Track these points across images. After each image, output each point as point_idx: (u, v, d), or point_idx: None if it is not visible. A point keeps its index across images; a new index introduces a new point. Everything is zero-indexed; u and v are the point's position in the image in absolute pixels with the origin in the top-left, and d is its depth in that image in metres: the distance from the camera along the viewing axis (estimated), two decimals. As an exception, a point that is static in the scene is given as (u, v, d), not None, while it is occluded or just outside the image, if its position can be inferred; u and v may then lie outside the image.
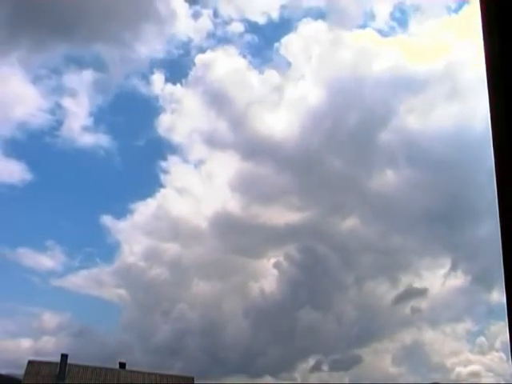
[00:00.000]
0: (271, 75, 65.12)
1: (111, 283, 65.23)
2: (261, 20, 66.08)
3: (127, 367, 39.93)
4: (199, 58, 65.12)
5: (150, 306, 61.23)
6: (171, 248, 63.79)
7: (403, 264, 61.89)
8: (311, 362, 54.69)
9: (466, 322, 58.61)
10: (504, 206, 2.07)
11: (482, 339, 54.85)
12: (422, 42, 63.92)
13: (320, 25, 65.59)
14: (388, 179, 61.22)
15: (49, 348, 52.52)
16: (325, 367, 53.75)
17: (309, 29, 64.81)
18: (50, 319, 61.89)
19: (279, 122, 64.35)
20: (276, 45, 68.79)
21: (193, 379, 40.02)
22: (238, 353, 56.06)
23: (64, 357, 37.43)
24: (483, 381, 50.28)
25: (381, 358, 59.24)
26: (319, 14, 76.49)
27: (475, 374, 51.00)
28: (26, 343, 54.53)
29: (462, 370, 52.12)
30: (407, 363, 57.59)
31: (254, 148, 63.65)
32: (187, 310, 59.11)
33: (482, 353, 54.58)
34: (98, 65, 71.15)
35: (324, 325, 57.19)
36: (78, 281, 64.84)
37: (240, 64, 65.77)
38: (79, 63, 73.50)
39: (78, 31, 63.71)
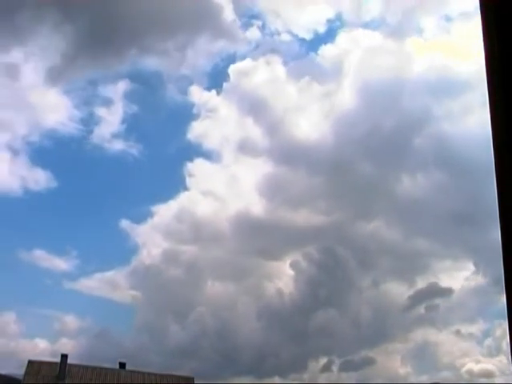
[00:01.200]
0: (308, 83, 66.15)
1: (127, 286, 66.03)
2: (303, 31, 67.55)
3: (131, 368, 39.97)
4: (237, 67, 66.71)
5: (165, 308, 61.79)
6: (189, 250, 64.69)
7: (422, 266, 62.95)
8: (322, 362, 55.25)
9: (479, 323, 58.88)
10: (504, 206, 2.07)
11: (492, 340, 55.04)
12: (462, 44, 64.16)
13: (359, 33, 67.30)
14: (417, 183, 62.19)
15: (65, 350, 52.62)
16: (335, 368, 54.24)
17: (347, 38, 66.69)
18: (67, 321, 62.55)
19: (313, 128, 65.66)
20: (315, 53, 70.12)
21: (193, 379, 40.01)
22: (251, 354, 56.52)
23: (64, 357, 37.44)
24: (496, 381, 50.47)
25: (391, 358, 59.58)
26: (359, 24, 76.57)
27: (487, 375, 51.23)
28: (42, 344, 55.08)
29: (473, 370, 52.39)
30: (418, 364, 58.21)
31: (286, 154, 65.13)
32: (202, 311, 59.76)
33: (492, 354, 54.88)
34: (136, 74, 73.54)
35: (338, 326, 57.69)
36: (94, 283, 65.25)
37: (278, 72, 67.29)
38: (116, 73, 74.89)
39: (117, 41, 65.66)
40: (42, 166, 70.86)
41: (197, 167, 68.11)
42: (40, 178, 66.38)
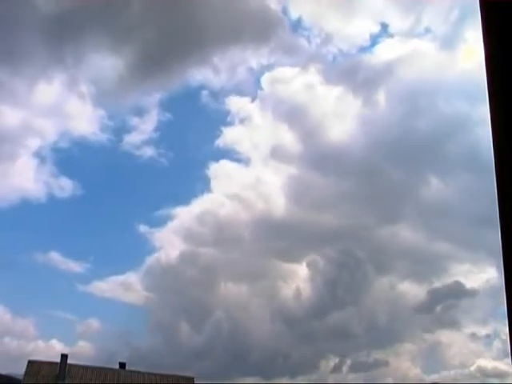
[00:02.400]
0: (344, 91, 68.90)
1: (143, 288, 66.79)
2: (345, 41, 70.40)
3: (131, 368, 39.96)
4: (272, 75, 68.94)
5: (180, 310, 62.81)
6: (208, 252, 65.84)
7: (441, 269, 64.23)
8: (332, 363, 55.87)
9: (495, 324, 58.99)
10: (504, 207, 2.07)
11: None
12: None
13: (395, 41, 69.31)
14: (444, 187, 63.35)
15: (83, 352, 53.46)
16: (345, 368, 54.60)
17: (385, 47, 68.54)
18: (84, 324, 63.37)
19: (346, 134, 67.20)
20: (355, 62, 70.92)
21: (193, 379, 39.98)
22: (262, 354, 57.40)
23: (64, 357, 37.41)
24: (509, 381, 50.57)
25: (402, 359, 60.20)
26: (401, 33, 78.43)
27: (500, 375, 51.30)
28: (58, 346, 55.35)
29: (485, 369, 52.61)
30: (428, 364, 59.30)
31: (316, 159, 67.17)
32: (215, 312, 60.70)
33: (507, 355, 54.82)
34: (174, 84, 75.16)
35: (351, 327, 58.55)
36: (111, 286, 66.61)
37: (314, 80, 69.35)
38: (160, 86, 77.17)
39: (167, 59, 68.01)
40: (69, 173, 72.71)
41: (223, 171, 69.64)
42: (66, 185, 68.39)
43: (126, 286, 65.93)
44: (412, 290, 63.22)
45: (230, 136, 70.35)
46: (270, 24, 67.55)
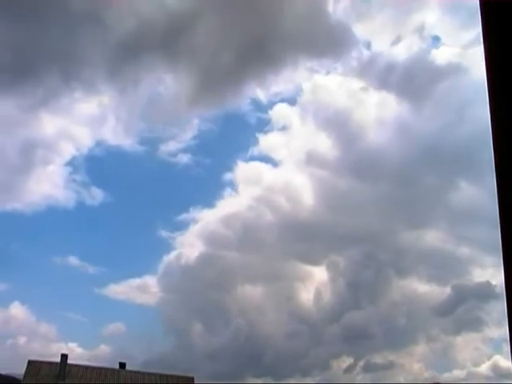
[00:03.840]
0: (385, 98, 69.70)
1: (160, 291, 68.16)
2: (388, 48, 72.10)
3: (131, 368, 39.96)
4: (315, 80, 70.77)
5: (195, 313, 63.92)
6: (229, 255, 67.03)
7: (462, 272, 64.82)
8: (345, 364, 56.15)
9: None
10: (504, 207, 2.07)
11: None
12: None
13: (443, 50, 69.95)
14: (474, 192, 64.04)
15: (101, 354, 54.25)
16: (358, 369, 54.81)
17: (435, 55, 70.30)
18: (103, 326, 64.46)
19: (384, 140, 68.17)
20: (400, 69, 71.61)
21: (193, 379, 39.97)
22: (275, 355, 58.07)
23: (64, 357, 37.41)
24: None
25: (415, 360, 60.64)
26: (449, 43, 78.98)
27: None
28: (77, 349, 56.29)
29: (501, 370, 52.67)
30: (440, 365, 59.35)
31: (351, 164, 68.07)
32: (231, 314, 61.74)
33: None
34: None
35: (368, 328, 59.23)
36: (128, 289, 68.00)
37: (356, 86, 71.34)
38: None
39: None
40: (99, 180, 75.16)
41: (252, 174, 70.92)
42: (95, 193, 70.30)
43: (144, 289, 67.11)
44: (433, 293, 64.15)
45: (266, 142, 71.84)
46: (329, 38, 69.06)
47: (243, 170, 72.06)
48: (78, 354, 53.31)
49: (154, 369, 41.32)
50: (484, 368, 56.00)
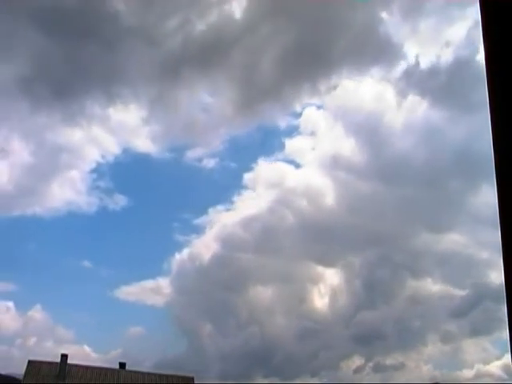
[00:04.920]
0: (415, 102, 69.39)
1: (172, 292, 68.41)
2: (426, 55, 72.60)
3: (131, 368, 39.95)
4: (347, 85, 70.58)
5: (206, 314, 64.22)
6: (243, 257, 67.08)
7: (480, 276, 65.12)
8: (355, 364, 56.43)
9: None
10: (504, 207, 2.07)
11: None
12: None
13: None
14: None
15: (116, 357, 53.98)
16: (368, 369, 55.07)
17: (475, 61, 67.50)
18: (117, 329, 64.77)
19: (410, 145, 68.47)
20: (437, 75, 71.54)
21: (193, 379, 39.96)
22: (285, 356, 58.47)
23: (64, 357, 37.40)
24: None
25: (426, 361, 60.98)
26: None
27: None
28: (90, 351, 56.67)
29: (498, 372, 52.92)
30: (448, 367, 59.67)
31: (376, 168, 68.44)
32: (242, 316, 62.26)
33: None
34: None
35: (381, 329, 59.60)
36: (140, 291, 69.17)
37: (385, 90, 71.56)
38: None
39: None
40: (123, 187, 75.48)
41: (275, 176, 71.44)
42: (118, 199, 72.28)
43: (157, 291, 67.79)
44: (449, 295, 64.37)
45: (292, 146, 72.38)
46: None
47: (264, 172, 72.63)
48: (91, 356, 53.79)
49: (166, 370, 41.43)
50: (494, 368, 56.13)
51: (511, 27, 2.06)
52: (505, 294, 2.07)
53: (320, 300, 64.69)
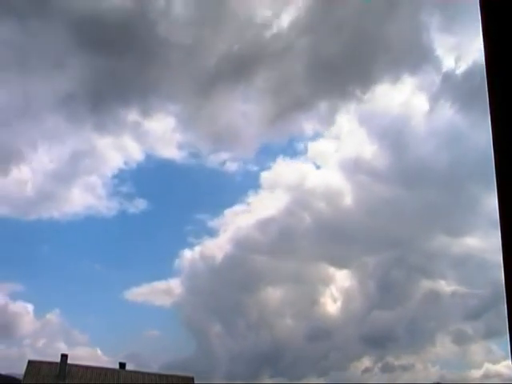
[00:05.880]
0: (445, 107, 70.04)
1: (183, 293, 69.17)
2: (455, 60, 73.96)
3: (131, 368, 39.97)
4: (375, 90, 72.28)
5: (215, 315, 65.11)
6: (257, 259, 67.88)
7: (496, 279, 64.43)
8: (364, 365, 56.73)
9: None
10: (504, 207, 2.07)
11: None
12: None
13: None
14: None
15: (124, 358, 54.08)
16: (377, 370, 55.30)
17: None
18: (129, 331, 65.33)
19: (434, 150, 69.24)
20: (462, 81, 71.49)
21: (193, 379, 39.96)
22: (294, 356, 59.18)
23: (64, 357, 37.41)
24: None
25: (435, 362, 61.26)
26: None
27: None
28: (102, 353, 57.49)
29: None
30: (455, 368, 59.73)
31: (398, 172, 69.29)
32: (252, 317, 62.86)
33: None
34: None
35: (392, 330, 60.33)
36: (151, 292, 70.25)
37: (416, 95, 73.20)
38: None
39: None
40: (144, 192, 77.32)
41: (294, 178, 72.35)
42: (138, 203, 74.46)
43: (168, 292, 68.22)
44: (462, 297, 65.00)
45: (314, 149, 73.53)
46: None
47: (282, 172, 73.04)
48: (102, 359, 54.11)
49: (176, 371, 41.58)
50: (503, 367, 56.28)
51: (511, 27, 2.06)
52: (505, 294, 2.07)
53: (332, 301, 65.39)
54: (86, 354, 56.14)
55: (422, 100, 76.07)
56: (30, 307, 64.24)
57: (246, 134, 77.32)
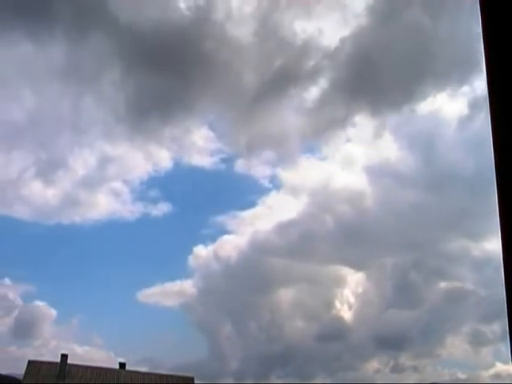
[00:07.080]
0: (481, 115, 67.87)
1: (195, 294, 69.29)
2: None
3: (131, 368, 39.96)
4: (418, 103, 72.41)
5: (227, 315, 65.67)
6: (274, 261, 68.20)
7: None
8: (375, 366, 56.89)
9: None
10: (504, 207, 2.07)
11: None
12: None
13: None
14: None
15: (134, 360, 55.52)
16: (387, 370, 55.50)
17: None
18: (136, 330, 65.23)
19: (460, 155, 69.67)
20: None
21: (193, 379, 39.97)
22: (304, 357, 59.60)
23: (64, 357, 37.41)
24: None
25: (445, 363, 61.49)
26: None
27: None
28: (114, 355, 57.33)
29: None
30: (462, 369, 59.90)
31: (425, 177, 69.62)
32: (265, 318, 63.53)
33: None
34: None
35: (407, 331, 60.34)
36: (162, 293, 70.45)
37: (455, 103, 75.19)
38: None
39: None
40: (169, 196, 79.57)
41: (316, 180, 72.96)
42: (161, 207, 74.78)
43: (180, 293, 68.76)
44: (479, 300, 65.24)
45: (341, 152, 74.08)
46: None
47: (305, 176, 74.00)
48: (113, 359, 54.15)
49: (187, 372, 41.75)
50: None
51: (511, 27, 2.06)
52: (505, 295, 2.07)
53: (346, 303, 65.49)
54: (99, 356, 56.42)
55: (460, 106, 75.90)
56: (45, 308, 64.49)
57: (275, 141, 78.34)
